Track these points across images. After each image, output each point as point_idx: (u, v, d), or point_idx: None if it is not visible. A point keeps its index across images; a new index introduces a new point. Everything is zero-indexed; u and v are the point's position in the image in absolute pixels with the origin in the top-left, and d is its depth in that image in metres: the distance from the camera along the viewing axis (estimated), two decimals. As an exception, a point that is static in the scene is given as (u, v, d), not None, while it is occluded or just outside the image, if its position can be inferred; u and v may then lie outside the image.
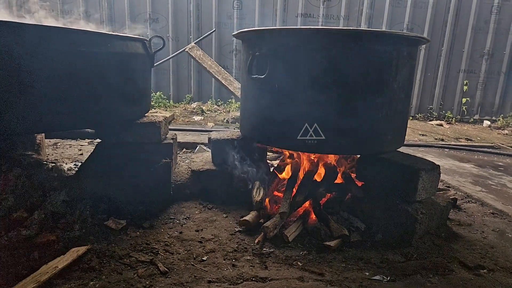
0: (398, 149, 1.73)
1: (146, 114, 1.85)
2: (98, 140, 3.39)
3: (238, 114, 5.16)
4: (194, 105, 5.83)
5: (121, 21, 5.53)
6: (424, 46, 5.75)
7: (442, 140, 4.47)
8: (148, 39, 1.76)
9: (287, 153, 2.02)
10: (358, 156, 1.79)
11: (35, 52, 1.16)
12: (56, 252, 1.25)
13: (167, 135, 1.92)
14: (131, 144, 1.69)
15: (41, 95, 1.22)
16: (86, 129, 3.15)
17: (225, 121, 5.00)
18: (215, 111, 5.67)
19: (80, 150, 2.96)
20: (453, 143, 4.22)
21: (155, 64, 1.84)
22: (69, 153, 2.86)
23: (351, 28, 1.69)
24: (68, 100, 1.30)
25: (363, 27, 5.86)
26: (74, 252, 1.19)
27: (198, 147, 3.19)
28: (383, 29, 5.82)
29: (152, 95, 5.38)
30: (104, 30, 5.50)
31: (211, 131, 4.15)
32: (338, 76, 1.45)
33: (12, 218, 1.35)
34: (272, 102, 1.59)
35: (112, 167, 1.67)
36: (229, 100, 5.95)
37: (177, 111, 5.48)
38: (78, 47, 1.26)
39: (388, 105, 1.53)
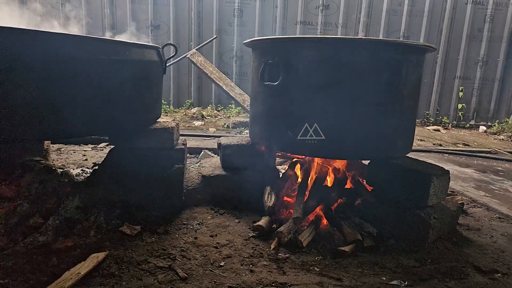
0: (407, 155, 1.77)
1: (157, 120, 1.86)
2: (101, 146, 3.39)
3: (238, 119, 5.18)
4: (194, 110, 5.84)
5: (123, 28, 5.55)
6: (420, 53, 5.87)
7: (440, 145, 4.54)
8: (161, 47, 1.78)
9: (296, 158, 2.04)
10: (368, 161, 1.81)
11: (55, 60, 1.17)
12: (74, 258, 1.25)
13: (178, 141, 1.93)
14: (144, 150, 1.70)
15: (61, 102, 1.22)
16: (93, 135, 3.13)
17: (226, 126, 5.02)
18: (215, 116, 5.69)
19: (84, 155, 2.95)
20: (451, 148, 4.29)
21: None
22: (74, 158, 2.84)
23: (364, 37, 1.73)
24: (86, 107, 1.30)
25: (361, 35, 5.97)
26: (94, 258, 1.19)
27: (202, 152, 3.19)
28: (380, 37, 5.93)
29: (152, 100, 5.37)
30: (108, 37, 5.51)
31: (214, 136, 4.17)
32: (351, 83, 1.48)
33: (28, 224, 1.34)
34: (285, 109, 1.61)
35: (125, 173, 1.67)
36: (229, 106, 5.98)
37: (177, 116, 5.48)
38: (98, 55, 1.27)
39: (399, 111, 1.57)
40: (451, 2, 5.79)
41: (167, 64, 1.80)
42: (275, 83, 1.60)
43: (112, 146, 1.69)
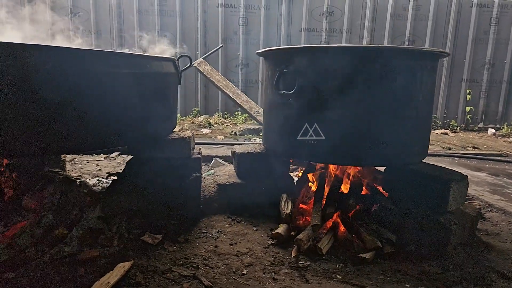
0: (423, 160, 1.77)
1: (173, 130, 1.89)
2: (113, 155, 3.42)
3: (245, 126, 5.21)
4: (201, 118, 5.89)
5: (131, 39, 5.65)
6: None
7: (450, 148, 4.52)
8: (176, 59, 1.82)
9: (313, 165, 2.05)
10: (384, 167, 1.82)
11: (81, 75, 1.20)
12: (100, 268, 1.26)
13: (194, 150, 1.96)
14: (162, 160, 1.72)
15: (85, 116, 1.25)
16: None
17: (233, 133, 5.05)
18: (222, 124, 5.73)
19: (98, 165, 2.99)
20: (461, 151, 4.26)
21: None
22: (88, 168, 2.88)
23: (380, 45, 1.75)
24: (109, 120, 1.33)
25: (365, 40, 6.00)
26: (121, 268, 1.21)
27: (213, 160, 3.21)
28: (385, 41, 5.96)
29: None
30: (116, 47, 5.61)
31: (223, 144, 4.19)
32: (367, 90, 1.50)
33: (53, 235, 1.36)
34: (301, 117, 1.63)
35: (144, 182, 1.70)
36: (236, 113, 6.02)
37: (185, 124, 5.53)
38: (121, 69, 1.31)
39: (415, 117, 1.58)
40: (456, 6, 5.81)
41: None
42: (291, 92, 1.62)
43: (124, 156, 1.72)
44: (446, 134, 5.60)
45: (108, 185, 1.94)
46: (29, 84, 1.09)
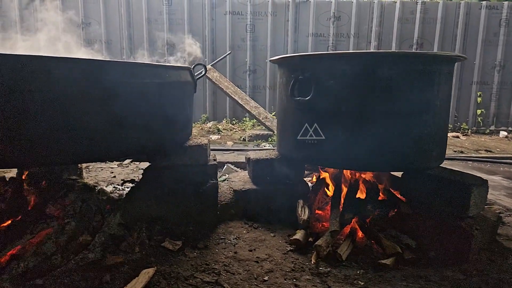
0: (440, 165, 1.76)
1: (189, 137, 1.92)
2: (126, 163, 3.46)
3: (254, 132, 5.24)
4: (209, 124, 5.94)
5: (141, 48, 5.75)
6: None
7: (462, 152, 4.47)
8: (192, 67, 1.85)
9: (329, 171, 2.05)
10: (401, 172, 1.81)
11: (105, 86, 1.23)
12: (124, 274, 1.28)
13: (210, 157, 1.98)
14: (180, 167, 1.74)
15: (110, 126, 1.28)
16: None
17: (242, 139, 5.07)
18: (231, 130, 5.76)
19: (112, 172, 3.03)
20: (474, 155, 4.21)
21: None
22: (102, 176, 2.92)
23: (397, 51, 1.76)
24: (130, 129, 1.36)
25: (373, 44, 6.01)
26: (146, 274, 1.22)
27: (225, 166, 3.23)
28: (393, 45, 5.96)
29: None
30: (125, 56, 5.71)
31: (233, 150, 4.22)
32: (385, 96, 1.50)
33: (78, 241, 1.39)
34: (317, 123, 1.64)
35: (162, 189, 1.72)
36: (244, 119, 6.06)
37: (194, 131, 5.58)
38: (142, 79, 1.34)
39: (433, 121, 1.58)
40: (465, 8, 5.80)
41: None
42: (306, 98, 1.64)
43: (137, 163, 1.74)
44: (457, 137, 5.54)
45: (126, 192, 1.97)
46: (56, 96, 1.12)
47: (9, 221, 1.52)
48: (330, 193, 1.98)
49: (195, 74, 1.87)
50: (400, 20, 5.92)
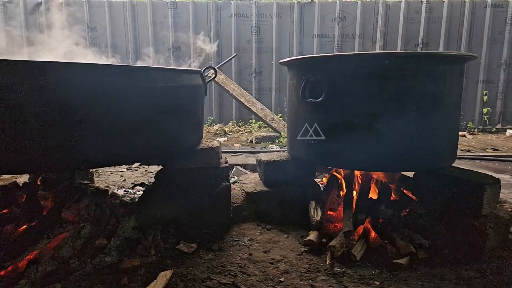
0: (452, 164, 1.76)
1: (201, 140, 1.93)
2: (135, 166, 3.49)
3: (261, 134, 5.25)
4: (216, 127, 5.96)
5: (146, 51, 5.80)
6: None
7: (469, 151, 4.45)
8: (202, 70, 1.87)
9: (341, 172, 2.06)
10: (413, 172, 1.81)
11: (120, 91, 1.25)
12: (141, 277, 1.30)
13: (221, 159, 1.99)
14: (192, 170, 1.76)
15: (124, 129, 1.30)
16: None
17: (249, 141, 5.08)
18: (237, 132, 5.78)
19: (122, 176, 3.05)
20: (481, 153, 4.18)
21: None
22: (112, 179, 2.95)
23: (409, 51, 1.77)
24: (145, 133, 1.38)
25: (378, 44, 6.00)
26: (164, 277, 1.24)
27: (234, 168, 3.24)
28: (399, 45, 5.94)
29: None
30: (131, 60, 5.75)
31: (240, 152, 4.23)
32: (397, 96, 1.51)
33: (94, 245, 1.41)
34: (329, 124, 1.65)
35: (175, 192, 1.74)
36: (250, 121, 6.07)
37: (201, 133, 5.60)
38: (157, 83, 1.36)
39: (445, 121, 1.58)
40: (470, 7, 5.77)
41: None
42: (318, 100, 1.65)
43: (146, 166, 1.75)
44: (464, 136, 5.51)
45: (137, 195, 1.99)
46: (77, 101, 1.14)
47: (25, 226, 1.54)
48: (342, 194, 1.98)
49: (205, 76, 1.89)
50: (405, 19, 5.90)
